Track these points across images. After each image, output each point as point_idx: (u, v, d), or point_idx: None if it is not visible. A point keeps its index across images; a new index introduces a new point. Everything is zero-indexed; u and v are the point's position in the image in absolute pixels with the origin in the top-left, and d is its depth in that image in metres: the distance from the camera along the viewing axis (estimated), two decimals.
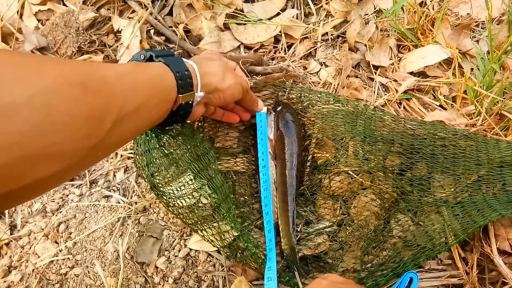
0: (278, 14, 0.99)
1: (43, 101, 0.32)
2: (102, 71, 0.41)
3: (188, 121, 0.68)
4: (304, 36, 0.98)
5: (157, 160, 0.66)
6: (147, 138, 0.64)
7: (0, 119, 0.29)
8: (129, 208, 0.75)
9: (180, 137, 0.65)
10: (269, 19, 0.99)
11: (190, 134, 0.68)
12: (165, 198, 0.66)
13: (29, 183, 0.33)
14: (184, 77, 0.53)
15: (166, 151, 0.63)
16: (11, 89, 0.30)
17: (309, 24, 0.99)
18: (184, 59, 0.57)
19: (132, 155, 0.81)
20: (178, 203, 0.67)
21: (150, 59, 0.55)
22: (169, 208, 0.68)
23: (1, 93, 0.30)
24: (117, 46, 0.97)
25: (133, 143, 0.71)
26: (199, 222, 0.67)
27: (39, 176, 0.33)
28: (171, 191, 0.67)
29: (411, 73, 0.92)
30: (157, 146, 0.64)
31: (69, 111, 0.35)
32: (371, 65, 0.93)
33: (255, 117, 0.78)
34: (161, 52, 0.56)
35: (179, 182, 0.67)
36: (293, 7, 1.01)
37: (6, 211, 0.78)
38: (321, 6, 1.02)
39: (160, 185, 0.67)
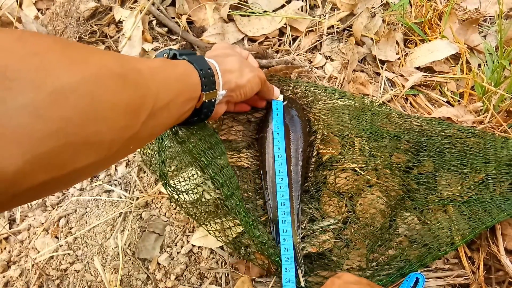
0: (283, 6, 0.97)
1: (88, 89, 0.32)
2: (136, 64, 0.42)
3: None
4: (310, 29, 0.96)
5: (166, 151, 0.65)
6: None
7: (49, 104, 0.29)
8: (131, 203, 0.74)
9: (191, 126, 0.64)
10: (274, 11, 0.97)
11: (202, 124, 0.66)
12: (172, 188, 0.65)
13: (69, 171, 0.33)
14: (207, 75, 0.54)
15: (179, 139, 0.62)
16: (59, 75, 0.30)
17: (314, 17, 0.97)
18: (205, 57, 0.57)
19: None
20: (182, 197, 0.65)
21: (173, 57, 0.56)
22: (175, 200, 0.67)
23: (50, 78, 0.30)
24: (119, 37, 0.95)
25: None
26: (205, 215, 0.66)
27: (79, 165, 0.33)
28: (178, 182, 0.65)
29: (418, 68, 0.90)
30: (170, 133, 0.62)
31: (111, 101, 0.35)
32: (377, 60, 0.91)
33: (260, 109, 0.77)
34: (184, 51, 0.56)
35: (186, 174, 0.66)
36: None
37: None
38: None
39: (171, 174, 0.66)
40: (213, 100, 0.56)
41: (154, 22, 0.96)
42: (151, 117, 0.42)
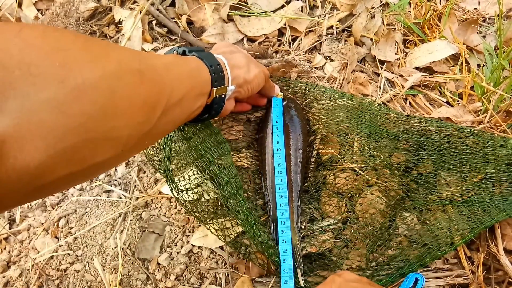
0: (282, 6, 0.98)
1: (108, 84, 0.33)
2: (152, 60, 0.42)
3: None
4: (309, 29, 0.96)
5: (171, 148, 0.65)
6: None
7: (70, 100, 0.30)
8: (131, 203, 0.74)
9: (199, 124, 0.64)
10: (274, 11, 0.97)
11: (208, 122, 0.66)
12: (175, 185, 0.64)
13: (88, 166, 0.33)
14: (217, 71, 0.55)
15: (185, 135, 0.62)
16: (81, 71, 0.31)
17: (314, 17, 0.97)
18: (214, 54, 0.58)
19: None
20: (183, 196, 0.65)
21: (182, 54, 0.56)
22: (176, 198, 0.66)
23: (73, 73, 0.30)
24: (119, 38, 0.95)
25: None
26: (205, 214, 0.65)
27: (97, 160, 0.34)
28: (178, 181, 0.65)
29: (418, 68, 0.91)
30: (176, 130, 0.62)
31: (129, 97, 0.35)
32: (377, 60, 0.91)
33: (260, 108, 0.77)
34: (193, 48, 0.57)
35: (191, 171, 0.65)
36: None
37: None
38: None
39: (174, 171, 0.65)
40: (223, 96, 0.57)
41: (153, 23, 0.96)
42: (165, 113, 0.42)
